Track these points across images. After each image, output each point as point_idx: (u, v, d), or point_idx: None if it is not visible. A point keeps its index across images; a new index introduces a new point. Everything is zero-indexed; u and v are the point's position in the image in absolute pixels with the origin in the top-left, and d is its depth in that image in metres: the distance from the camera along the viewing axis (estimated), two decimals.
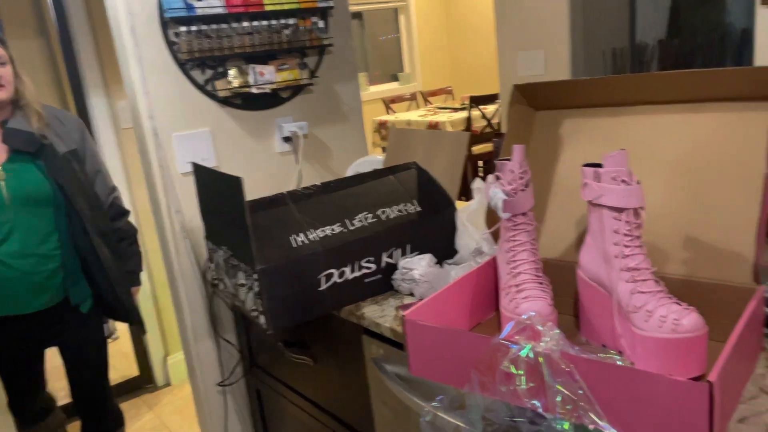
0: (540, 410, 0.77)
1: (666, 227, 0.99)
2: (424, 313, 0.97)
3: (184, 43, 1.68)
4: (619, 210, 0.88)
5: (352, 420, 1.40)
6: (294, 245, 1.21)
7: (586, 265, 0.96)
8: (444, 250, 1.34)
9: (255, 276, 1.16)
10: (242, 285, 1.25)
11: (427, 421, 0.93)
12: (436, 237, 1.35)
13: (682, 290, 0.95)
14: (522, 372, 0.79)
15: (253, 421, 1.95)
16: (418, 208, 1.35)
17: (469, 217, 1.36)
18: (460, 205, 1.42)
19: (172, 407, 2.67)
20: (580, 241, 1.08)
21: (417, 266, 1.26)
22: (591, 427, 0.74)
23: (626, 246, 0.88)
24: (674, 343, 0.82)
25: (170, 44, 1.70)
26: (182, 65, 1.73)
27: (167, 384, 2.85)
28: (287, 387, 1.65)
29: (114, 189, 1.82)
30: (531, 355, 0.79)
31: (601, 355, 0.84)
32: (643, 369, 0.86)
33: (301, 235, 1.23)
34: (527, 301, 0.94)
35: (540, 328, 0.81)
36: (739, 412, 0.77)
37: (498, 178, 1.03)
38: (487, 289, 1.11)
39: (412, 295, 1.27)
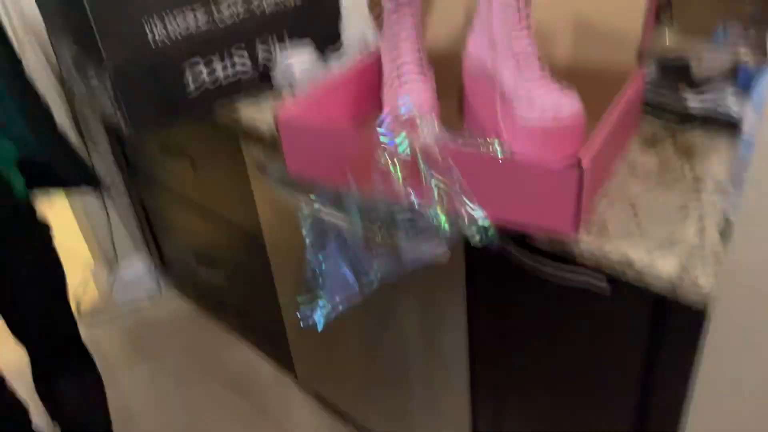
0: (416, 204, 0.76)
1: (551, 7, 0.92)
2: (301, 111, 0.89)
3: None
4: None
5: (241, 220, 1.37)
6: (149, 34, 1.04)
7: (472, 51, 0.89)
8: (327, 41, 1.22)
9: (107, 74, 1.01)
10: (96, 86, 1.09)
11: (306, 217, 0.90)
12: (319, 26, 1.21)
13: (567, 75, 0.91)
14: (398, 167, 0.76)
15: (141, 232, 1.90)
16: None
17: (355, 1, 1.22)
18: None
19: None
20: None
21: (297, 60, 1.14)
22: (466, 218, 0.74)
23: (513, 29, 0.81)
24: (554, 130, 0.80)
25: None
26: None
27: None
28: (172, 193, 1.58)
29: None
30: (408, 148, 0.75)
31: (482, 145, 0.81)
32: (522, 157, 0.85)
33: (158, 23, 1.05)
34: (408, 93, 0.87)
35: (418, 120, 0.76)
36: (606, 191, 0.79)
37: None
38: (372, 83, 1.03)
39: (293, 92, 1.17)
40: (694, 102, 0.89)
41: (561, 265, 0.76)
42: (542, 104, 0.80)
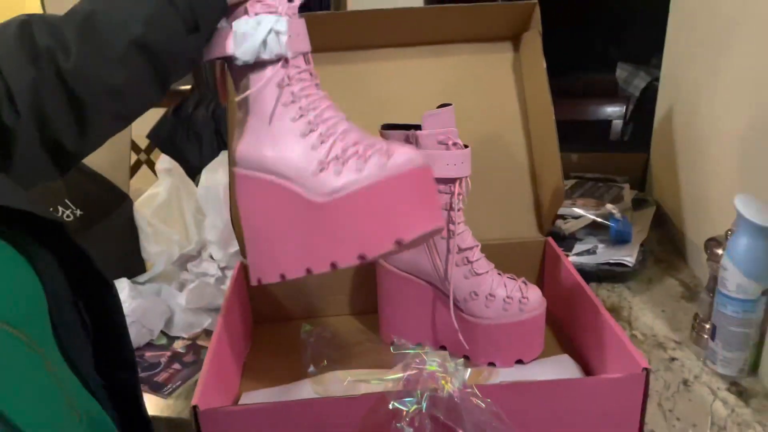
0: None
1: None
2: (215, 388, 0.61)
3: None
4: (450, 181, 0.70)
5: None
6: None
7: (398, 254, 0.76)
8: (130, 266, 0.92)
9: None
10: None
11: None
12: (115, 250, 0.91)
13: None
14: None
15: None
16: (79, 212, 0.87)
17: (156, 213, 0.95)
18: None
19: None
20: None
21: None
22: None
23: (457, 223, 0.72)
24: (524, 324, 0.73)
25: None
26: None
27: None
28: None
29: None
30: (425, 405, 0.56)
31: (433, 360, 0.67)
32: (496, 363, 0.74)
33: None
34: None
35: (430, 359, 0.58)
36: None
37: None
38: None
39: None
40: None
41: None
42: (505, 298, 0.72)
